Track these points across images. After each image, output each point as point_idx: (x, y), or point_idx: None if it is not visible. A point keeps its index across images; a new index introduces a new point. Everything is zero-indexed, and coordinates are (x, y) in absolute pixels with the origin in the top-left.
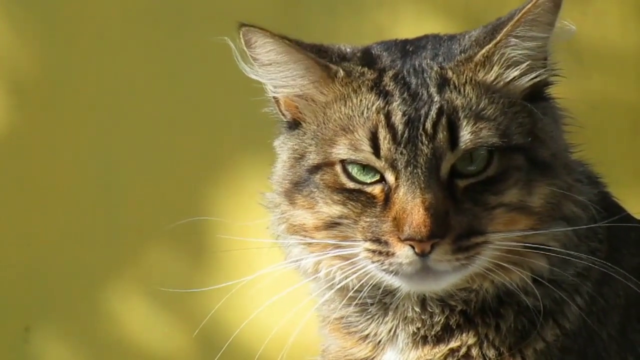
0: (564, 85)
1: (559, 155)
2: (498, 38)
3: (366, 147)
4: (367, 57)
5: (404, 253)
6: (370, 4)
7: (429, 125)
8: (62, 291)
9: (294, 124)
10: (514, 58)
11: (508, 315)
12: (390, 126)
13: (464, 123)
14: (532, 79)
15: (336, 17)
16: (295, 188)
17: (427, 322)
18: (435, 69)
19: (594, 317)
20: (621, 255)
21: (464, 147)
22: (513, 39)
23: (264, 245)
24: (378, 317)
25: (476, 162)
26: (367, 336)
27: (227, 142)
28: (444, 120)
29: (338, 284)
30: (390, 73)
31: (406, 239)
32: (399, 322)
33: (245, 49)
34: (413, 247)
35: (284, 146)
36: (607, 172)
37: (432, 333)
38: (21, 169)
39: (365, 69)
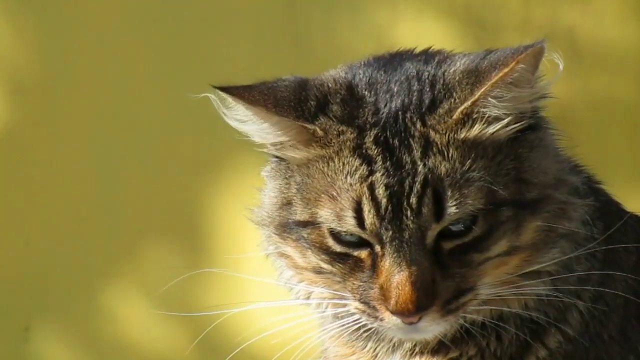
0: (564, 85)
1: (549, 182)
2: (475, 97)
3: (350, 219)
4: (350, 100)
5: (392, 321)
6: (369, 3)
7: (413, 200)
8: (62, 291)
9: (282, 158)
10: (495, 115)
11: (509, 327)
12: (374, 199)
13: (449, 193)
14: (517, 127)
15: (335, 16)
16: (285, 229)
17: (422, 341)
18: (417, 126)
19: (596, 319)
20: (618, 254)
21: (449, 218)
22: (491, 99)
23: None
24: (373, 338)
25: (462, 221)
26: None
27: (227, 141)
28: (429, 192)
29: (329, 315)
30: (372, 134)
31: (393, 313)
32: (394, 340)
33: (222, 109)
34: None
35: (271, 179)
36: (607, 172)
37: (428, 349)
38: (21, 169)
39: (344, 128)
